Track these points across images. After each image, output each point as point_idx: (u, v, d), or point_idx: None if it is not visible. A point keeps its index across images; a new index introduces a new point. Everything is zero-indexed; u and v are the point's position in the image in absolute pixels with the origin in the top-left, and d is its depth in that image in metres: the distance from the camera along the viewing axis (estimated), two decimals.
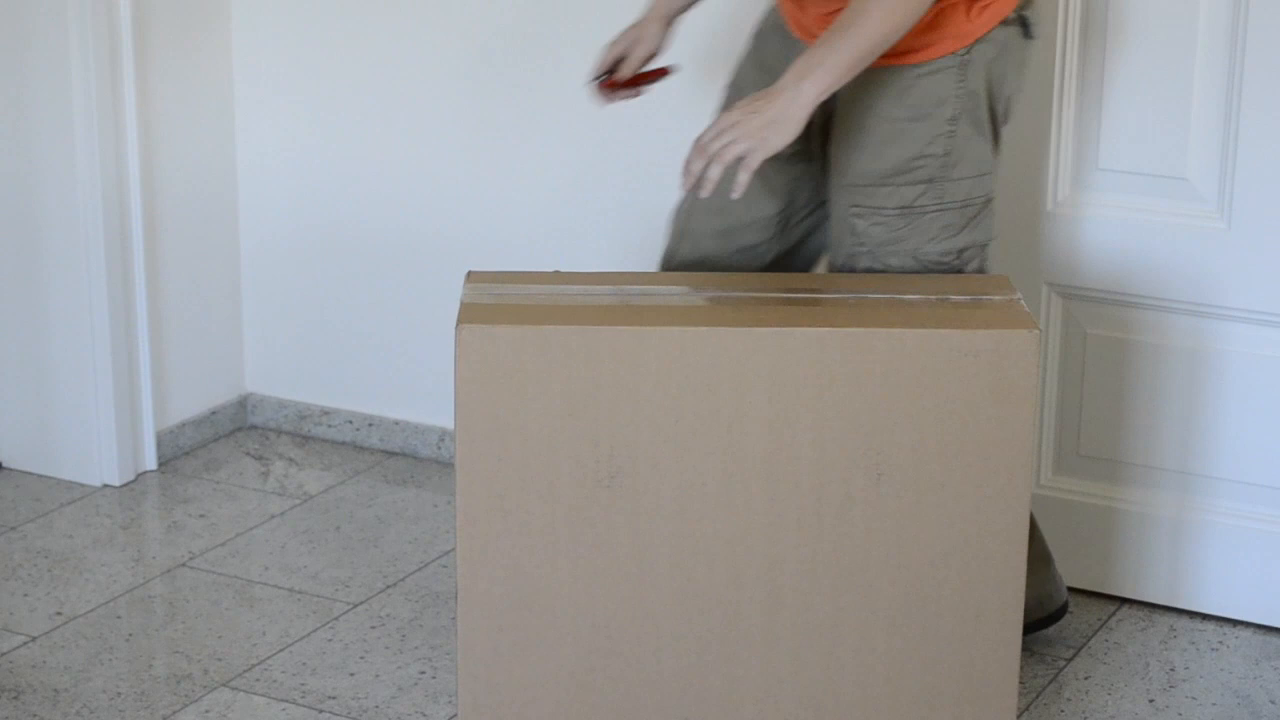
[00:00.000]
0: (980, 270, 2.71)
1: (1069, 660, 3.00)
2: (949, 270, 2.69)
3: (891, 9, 2.50)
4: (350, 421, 3.82)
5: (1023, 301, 2.57)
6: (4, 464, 3.70)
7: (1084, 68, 3.02)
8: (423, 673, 2.97)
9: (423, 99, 3.60)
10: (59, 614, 3.14)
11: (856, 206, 2.69)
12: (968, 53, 2.64)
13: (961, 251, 2.69)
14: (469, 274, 2.62)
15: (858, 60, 2.50)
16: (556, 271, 2.77)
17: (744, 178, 2.49)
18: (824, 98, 2.50)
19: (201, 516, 3.51)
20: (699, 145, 2.51)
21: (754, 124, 2.48)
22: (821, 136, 2.75)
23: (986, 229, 2.72)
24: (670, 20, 2.83)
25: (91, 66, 3.43)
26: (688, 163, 2.52)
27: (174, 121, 3.65)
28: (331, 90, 3.70)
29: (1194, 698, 2.91)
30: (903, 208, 2.66)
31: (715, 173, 2.49)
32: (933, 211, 2.67)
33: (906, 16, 2.51)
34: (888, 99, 2.65)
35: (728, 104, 2.77)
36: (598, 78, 2.82)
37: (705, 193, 2.51)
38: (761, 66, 2.76)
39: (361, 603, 3.19)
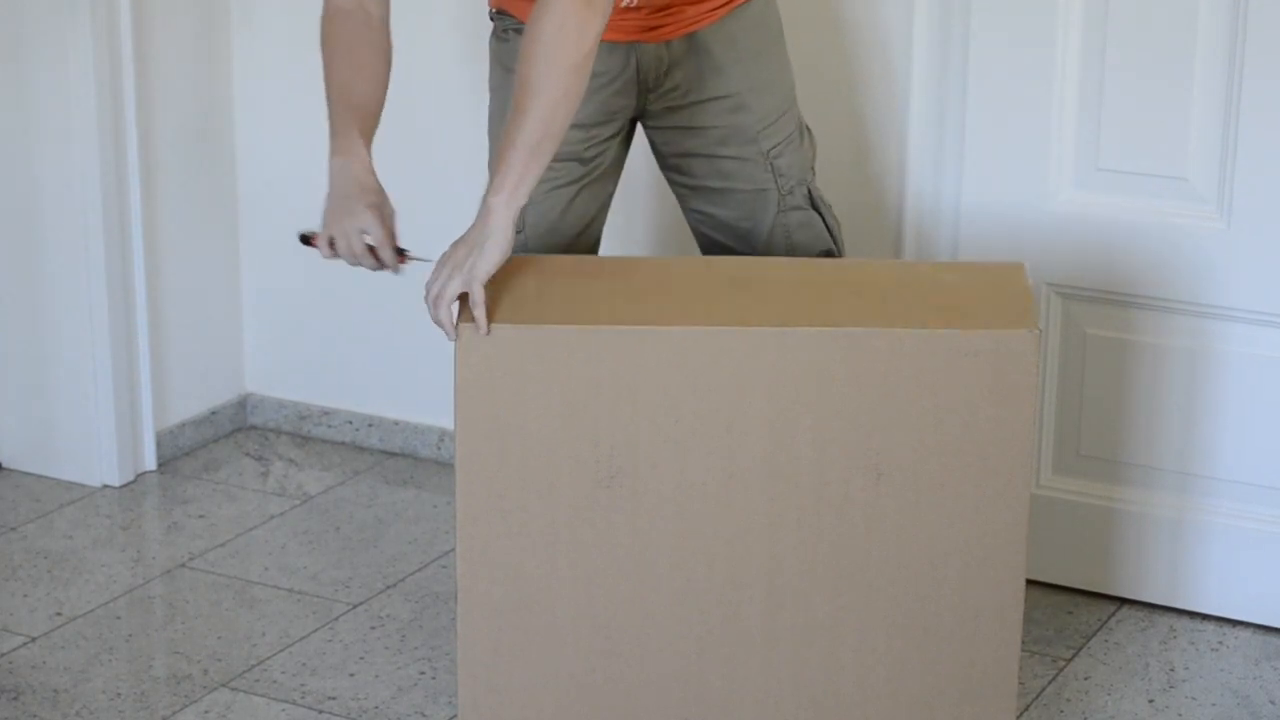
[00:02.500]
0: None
1: (1069, 660, 3.00)
2: (814, 186, 2.84)
3: (547, 100, 2.45)
4: (350, 422, 3.82)
5: (1031, 286, 2.56)
6: (4, 464, 3.70)
7: (1084, 68, 3.02)
8: (423, 673, 2.97)
9: (424, 97, 3.59)
10: (59, 614, 3.14)
11: (776, 146, 2.78)
12: None
13: (813, 158, 2.86)
14: None
15: (532, 156, 2.46)
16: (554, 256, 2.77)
17: (479, 314, 2.44)
18: (518, 203, 2.46)
19: (201, 517, 3.51)
20: (426, 297, 2.48)
21: (460, 255, 2.47)
22: (624, 136, 2.81)
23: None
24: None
25: (90, 66, 3.43)
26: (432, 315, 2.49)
27: (174, 121, 3.65)
28: None
29: (1194, 698, 2.91)
30: (796, 129, 2.82)
31: (444, 315, 2.46)
32: (802, 127, 2.84)
33: (566, 98, 2.46)
34: (754, 31, 2.76)
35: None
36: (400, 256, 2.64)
37: (452, 337, 2.46)
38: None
39: (361, 603, 3.18)
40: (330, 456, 3.77)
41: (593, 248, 2.85)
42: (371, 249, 2.63)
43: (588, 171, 2.77)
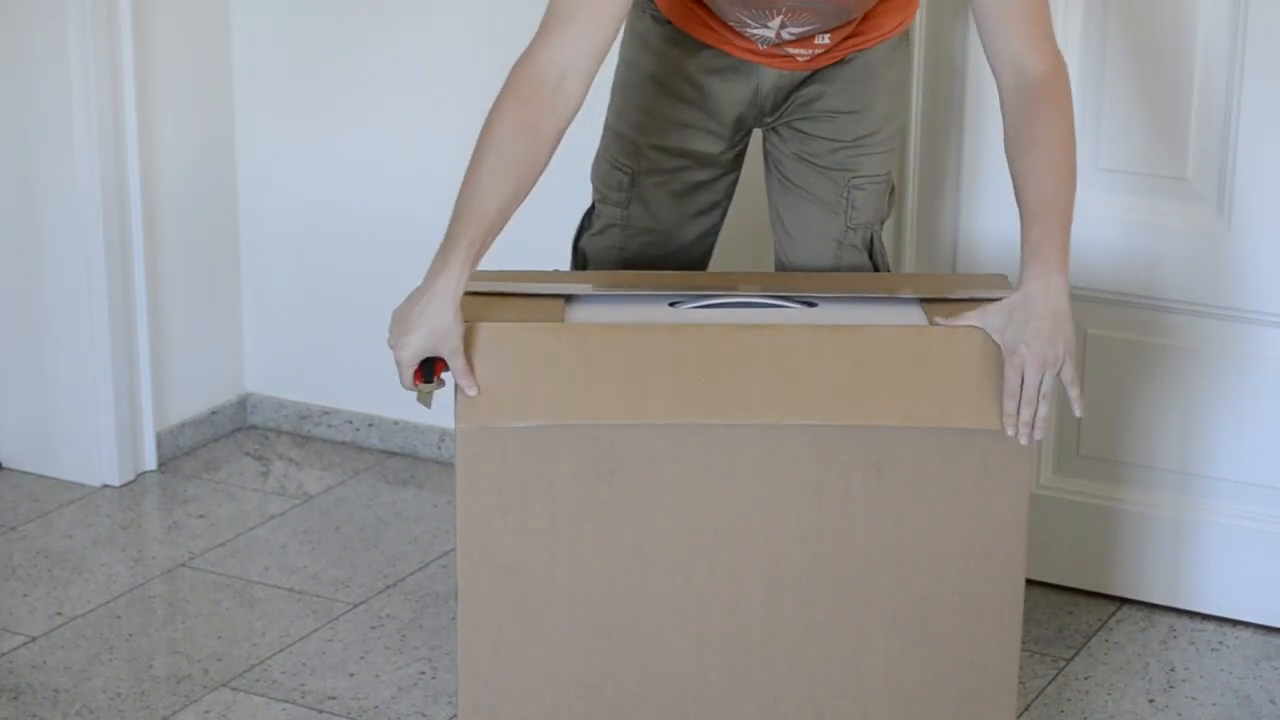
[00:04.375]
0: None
1: (1069, 660, 3.00)
2: (880, 239, 2.80)
3: (1074, 162, 2.44)
4: (350, 421, 3.82)
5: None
6: (4, 464, 3.70)
7: (1084, 68, 3.02)
8: (423, 673, 2.97)
9: (423, 98, 3.60)
10: (59, 614, 3.14)
11: (860, 179, 2.73)
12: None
13: (888, 216, 2.81)
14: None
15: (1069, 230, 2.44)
16: (555, 271, 2.77)
17: (1075, 392, 2.42)
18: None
19: (201, 516, 3.51)
20: (1027, 397, 2.37)
21: (1059, 344, 2.38)
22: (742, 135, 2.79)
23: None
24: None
25: (91, 67, 3.43)
26: (1018, 414, 2.38)
27: (174, 122, 3.65)
28: (332, 90, 3.70)
29: (1194, 698, 2.91)
30: (885, 180, 2.77)
31: (1045, 411, 2.38)
32: (891, 185, 2.79)
33: (1074, 150, 2.46)
34: (886, 64, 2.72)
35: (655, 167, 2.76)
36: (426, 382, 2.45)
37: (1040, 435, 2.39)
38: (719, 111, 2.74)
39: (361, 603, 3.19)
40: (330, 456, 3.77)
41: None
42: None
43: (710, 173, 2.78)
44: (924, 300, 2.54)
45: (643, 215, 2.79)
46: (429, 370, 2.43)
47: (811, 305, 2.54)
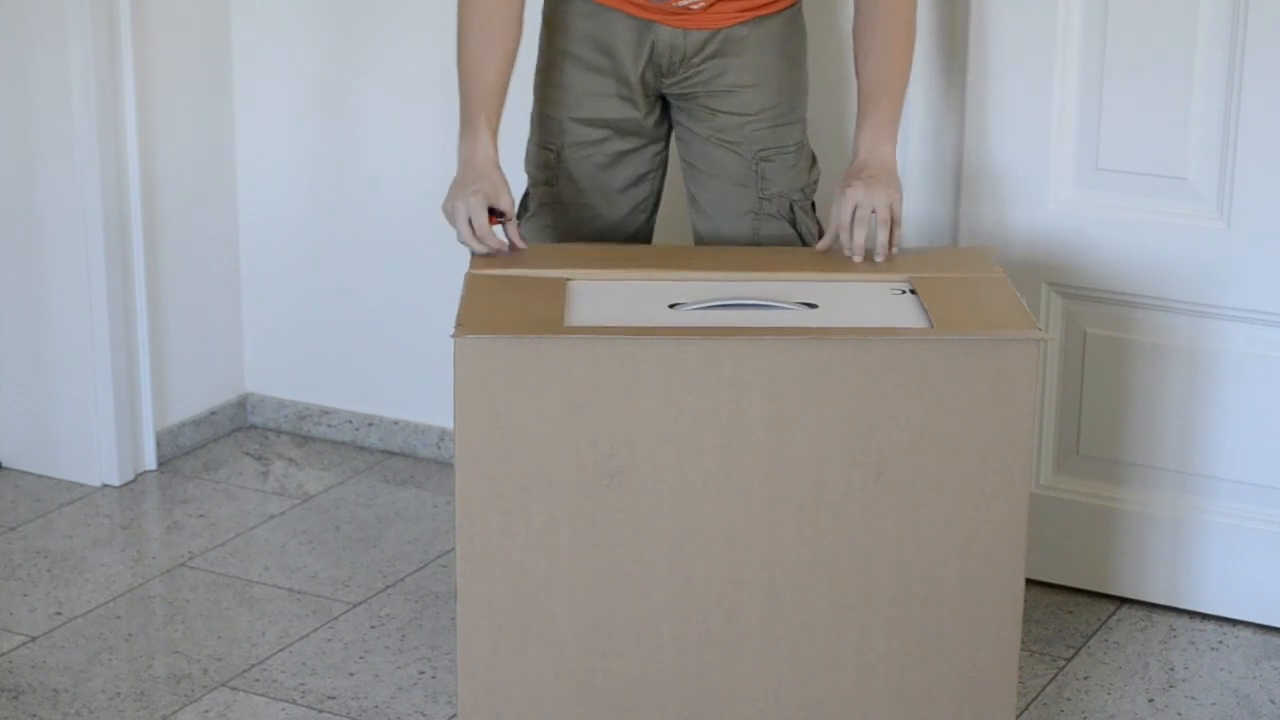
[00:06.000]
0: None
1: (1069, 660, 3.00)
2: (805, 209, 2.88)
3: (910, 49, 2.76)
4: (350, 421, 3.82)
5: (1011, 284, 2.59)
6: (4, 464, 3.70)
7: (1084, 68, 3.02)
8: (422, 673, 2.97)
9: (424, 99, 3.59)
10: (59, 614, 3.14)
11: (767, 150, 2.83)
12: None
13: (811, 186, 2.91)
14: (470, 273, 2.62)
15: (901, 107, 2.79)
16: (554, 244, 2.79)
17: (896, 232, 2.71)
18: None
19: (201, 516, 3.51)
20: (858, 219, 2.68)
21: (880, 195, 2.69)
22: (659, 109, 2.87)
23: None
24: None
25: (91, 67, 3.43)
26: (846, 235, 2.69)
27: (174, 121, 3.65)
28: (332, 89, 3.70)
29: (1194, 697, 2.91)
30: (797, 147, 2.86)
31: (884, 237, 2.69)
32: (806, 151, 2.89)
33: (913, 39, 2.79)
34: (782, 38, 2.82)
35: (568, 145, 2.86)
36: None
37: (880, 257, 2.69)
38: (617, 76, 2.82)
39: (361, 603, 3.19)
40: (330, 456, 3.78)
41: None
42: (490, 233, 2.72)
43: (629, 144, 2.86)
44: (919, 294, 2.54)
45: (571, 190, 2.86)
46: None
47: (812, 307, 2.55)
